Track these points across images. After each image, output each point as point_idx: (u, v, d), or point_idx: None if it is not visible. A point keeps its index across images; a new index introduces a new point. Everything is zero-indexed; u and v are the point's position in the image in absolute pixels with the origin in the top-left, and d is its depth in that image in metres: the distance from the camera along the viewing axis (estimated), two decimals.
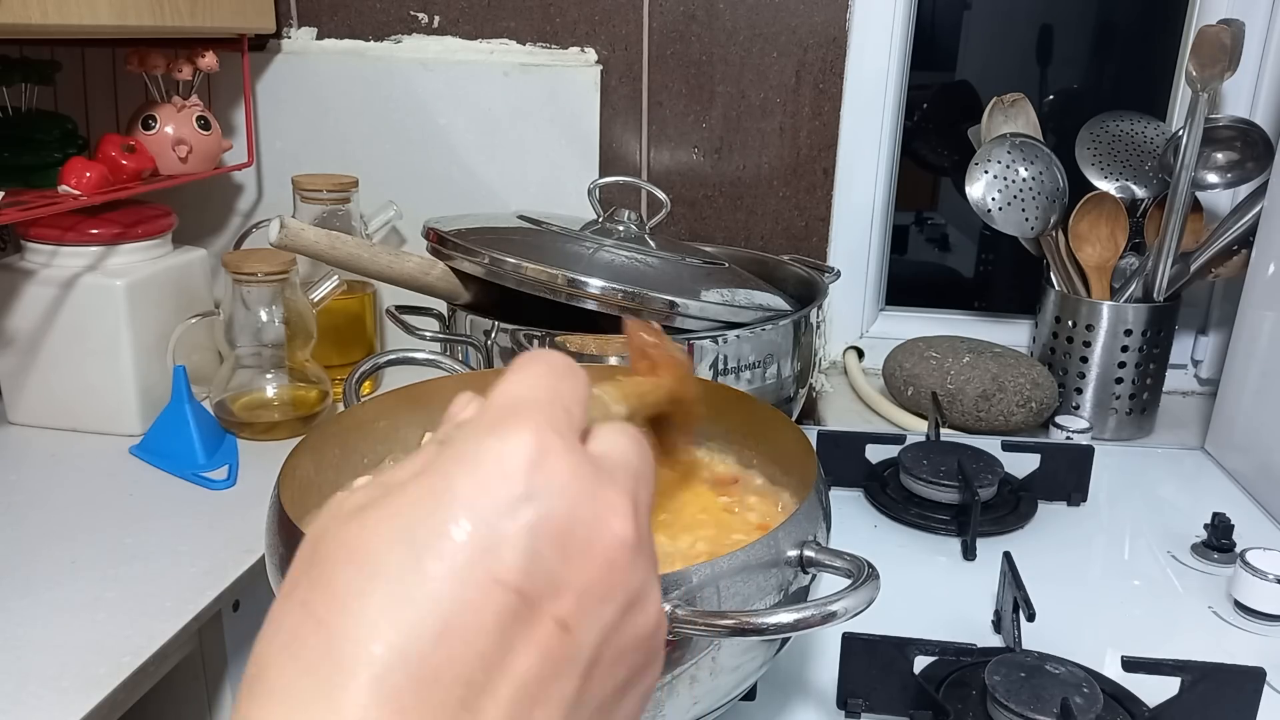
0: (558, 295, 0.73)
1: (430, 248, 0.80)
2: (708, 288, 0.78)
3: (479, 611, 0.23)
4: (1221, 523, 0.74)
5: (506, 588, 0.24)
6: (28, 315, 0.86)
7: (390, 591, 0.23)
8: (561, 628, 0.24)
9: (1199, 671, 0.53)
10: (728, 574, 0.44)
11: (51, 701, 0.55)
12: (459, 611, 0.23)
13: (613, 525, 0.26)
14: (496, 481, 0.25)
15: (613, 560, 0.26)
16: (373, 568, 0.23)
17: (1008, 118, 1.01)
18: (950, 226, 1.47)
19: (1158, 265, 0.92)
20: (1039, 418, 0.95)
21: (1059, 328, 0.98)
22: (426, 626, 0.23)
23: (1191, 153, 0.89)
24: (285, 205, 1.02)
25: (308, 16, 1.07)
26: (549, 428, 0.26)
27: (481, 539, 0.24)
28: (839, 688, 0.55)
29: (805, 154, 1.06)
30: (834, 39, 1.02)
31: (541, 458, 0.25)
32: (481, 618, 0.23)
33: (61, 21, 0.73)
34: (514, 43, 1.05)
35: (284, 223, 0.71)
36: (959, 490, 0.76)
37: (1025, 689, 0.51)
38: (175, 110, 0.94)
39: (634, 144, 1.07)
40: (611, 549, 0.26)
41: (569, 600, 0.25)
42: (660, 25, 1.03)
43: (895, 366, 1.01)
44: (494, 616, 0.23)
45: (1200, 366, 1.10)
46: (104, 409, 0.87)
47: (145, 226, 0.89)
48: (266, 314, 0.89)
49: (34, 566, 0.68)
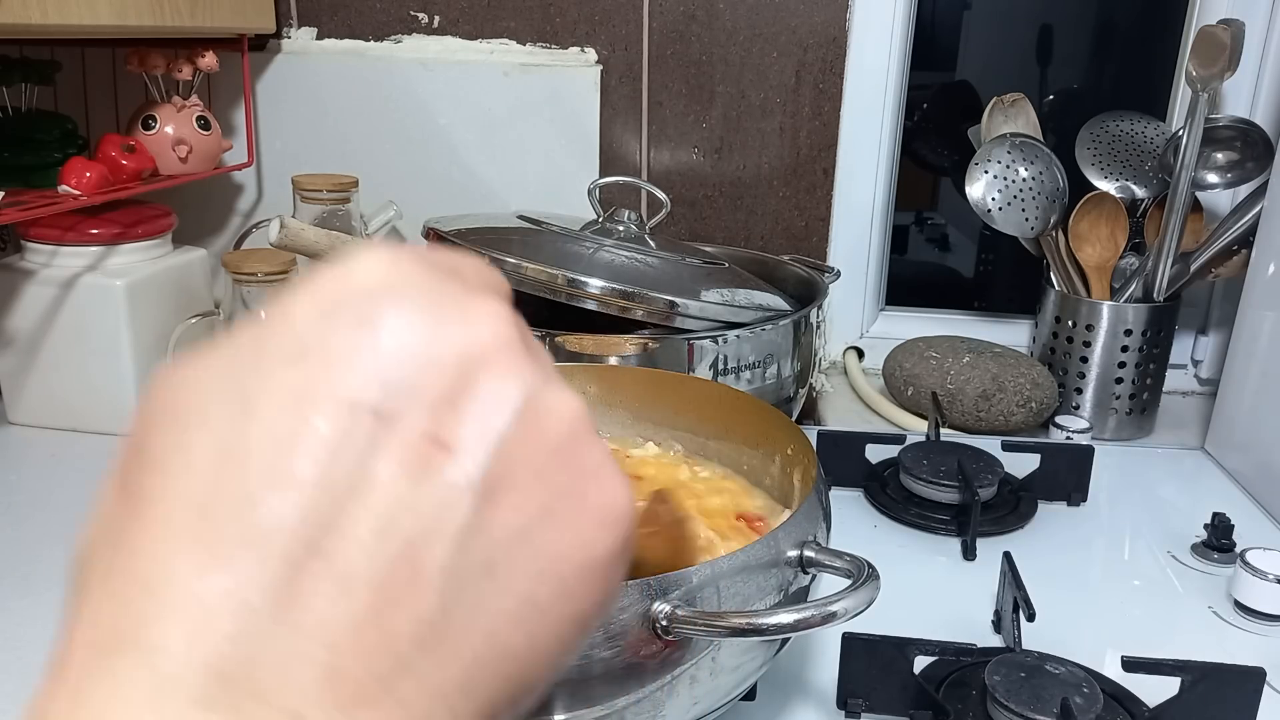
0: (558, 295, 0.73)
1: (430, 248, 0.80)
2: (708, 288, 0.78)
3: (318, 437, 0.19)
4: (1221, 523, 0.74)
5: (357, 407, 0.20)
6: (28, 315, 0.86)
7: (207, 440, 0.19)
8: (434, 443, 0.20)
9: (1199, 671, 0.53)
10: (728, 574, 0.44)
11: None
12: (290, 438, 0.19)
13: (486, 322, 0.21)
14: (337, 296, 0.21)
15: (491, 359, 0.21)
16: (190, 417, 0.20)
17: (1008, 118, 1.01)
18: (950, 226, 1.47)
19: (1158, 265, 0.92)
20: (1039, 418, 0.95)
21: (1059, 328, 0.98)
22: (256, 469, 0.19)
23: (1191, 153, 0.89)
24: (285, 205, 1.02)
25: (308, 16, 1.07)
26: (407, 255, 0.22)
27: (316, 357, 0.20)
28: (839, 688, 0.55)
29: (805, 154, 1.06)
30: (834, 39, 1.02)
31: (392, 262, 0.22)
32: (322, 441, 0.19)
33: (61, 21, 0.73)
34: (514, 43, 1.05)
35: (284, 223, 0.71)
36: (959, 490, 0.76)
37: (1025, 689, 0.51)
38: (175, 110, 0.94)
39: (634, 144, 1.07)
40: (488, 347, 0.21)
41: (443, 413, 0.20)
42: (660, 25, 1.03)
43: (895, 366, 1.01)
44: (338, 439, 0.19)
45: (1200, 366, 1.10)
46: (104, 409, 0.87)
47: (145, 226, 0.89)
48: (266, 314, 0.89)
49: (34, 566, 0.68)
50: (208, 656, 0.18)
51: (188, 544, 0.19)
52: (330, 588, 0.19)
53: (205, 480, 0.19)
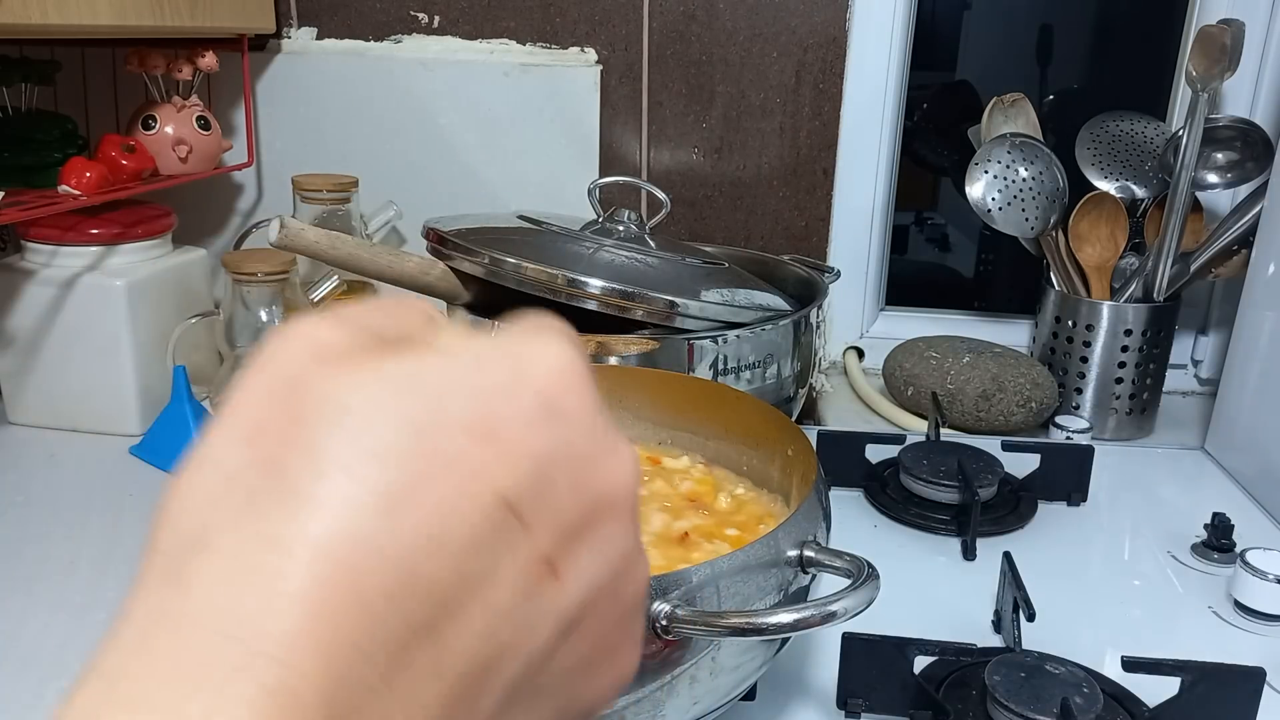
0: (558, 295, 0.73)
1: (430, 248, 0.80)
2: (708, 288, 0.78)
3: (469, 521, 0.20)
4: (1221, 523, 0.74)
5: (505, 504, 0.20)
6: (28, 315, 0.86)
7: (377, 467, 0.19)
8: (549, 569, 0.21)
9: (1199, 671, 0.53)
10: (728, 574, 0.44)
11: (52, 702, 0.54)
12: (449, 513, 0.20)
13: (626, 472, 0.23)
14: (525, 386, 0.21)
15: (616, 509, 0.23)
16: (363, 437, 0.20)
17: (1008, 118, 1.01)
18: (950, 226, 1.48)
19: (1158, 265, 0.92)
20: (1039, 418, 0.95)
21: (1059, 328, 0.98)
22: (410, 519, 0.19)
23: (1191, 153, 0.89)
24: (285, 205, 1.02)
25: (308, 16, 1.07)
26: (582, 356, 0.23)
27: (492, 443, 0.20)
28: (839, 688, 0.55)
29: (805, 154, 1.06)
30: (834, 39, 1.02)
31: (575, 380, 0.22)
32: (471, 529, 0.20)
33: (61, 21, 0.73)
34: (514, 43, 1.05)
35: (284, 223, 0.71)
36: (959, 490, 0.76)
37: (1025, 689, 0.51)
38: (175, 110, 0.94)
39: (634, 144, 1.07)
40: (619, 497, 0.23)
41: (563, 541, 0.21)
42: (660, 25, 1.03)
43: (895, 366, 1.01)
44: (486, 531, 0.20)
45: (1200, 366, 1.10)
46: (104, 409, 0.87)
47: (145, 226, 0.89)
48: (266, 314, 0.89)
49: (34, 566, 0.68)
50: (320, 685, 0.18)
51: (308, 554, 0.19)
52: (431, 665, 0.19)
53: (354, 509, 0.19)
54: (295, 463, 0.19)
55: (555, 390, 0.22)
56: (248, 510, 0.19)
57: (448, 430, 0.20)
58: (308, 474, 0.19)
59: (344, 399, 0.20)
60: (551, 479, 0.21)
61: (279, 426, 0.20)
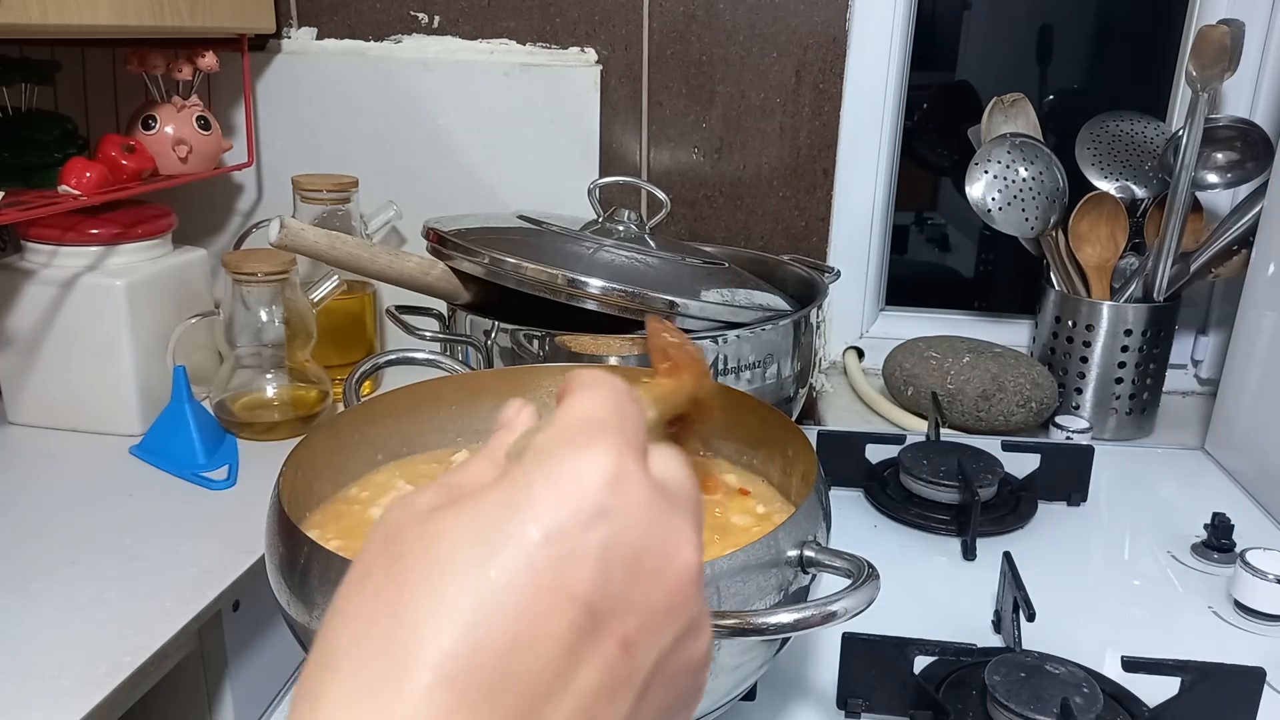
0: (558, 295, 0.73)
1: (430, 248, 0.80)
2: (708, 288, 0.78)
3: (549, 622, 0.24)
4: (1221, 523, 0.74)
5: (577, 601, 0.24)
6: (28, 315, 0.86)
7: (465, 591, 0.23)
8: (624, 648, 0.25)
9: (1199, 671, 0.53)
10: (728, 574, 0.44)
11: (51, 701, 0.55)
12: (531, 618, 0.23)
13: (684, 554, 0.27)
14: (575, 496, 0.25)
15: (679, 588, 0.26)
16: (450, 566, 0.24)
17: (1008, 118, 1.01)
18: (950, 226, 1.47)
19: (1158, 265, 0.92)
20: (1039, 418, 0.95)
21: (1059, 328, 0.98)
22: (498, 629, 0.23)
23: (1191, 153, 0.89)
24: (285, 205, 1.02)
25: (308, 16, 1.07)
26: (625, 449, 0.26)
27: (557, 551, 0.24)
28: (839, 688, 0.55)
29: (805, 154, 1.06)
30: (834, 39, 1.02)
31: (620, 478, 0.26)
32: (551, 629, 0.24)
33: (61, 21, 0.73)
34: (514, 43, 1.05)
35: (284, 223, 0.71)
36: (959, 490, 0.76)
37: (1025, 689, 0.51)
38: (175, 110, 0.94)
39: (634, 144, 1.07)
40: (679, 577, 0.26)
41: (634, 621, 0.25)
42: (660, 25, 1.03)
43: (895, 366, 1.01)
44: (564, 629, 0.24)
45: (1200, 366, 1.10)
46: (104, 409, 0.87)
47: (145, 226, 0.89)
48: (266, 314, 0.89)
49: (34, 566, 0.68)
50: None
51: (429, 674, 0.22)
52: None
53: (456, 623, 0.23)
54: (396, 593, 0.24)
55: (602, 495, 0.25)
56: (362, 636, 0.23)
57: (517, 548, 0.24)
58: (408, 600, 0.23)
59: (431, 536, 0.25)
60: (612, 571, 0.25)
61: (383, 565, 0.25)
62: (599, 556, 0.24)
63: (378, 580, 0.24)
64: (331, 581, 0.43)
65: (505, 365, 0.76)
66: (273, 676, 0.77)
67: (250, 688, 0.74)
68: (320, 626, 0.24)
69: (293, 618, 0.46)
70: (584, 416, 0.28)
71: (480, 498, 0.25)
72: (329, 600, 0.25)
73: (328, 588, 0.43)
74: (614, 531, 0.25)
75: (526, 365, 0.68)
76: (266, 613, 0.73)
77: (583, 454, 0.26)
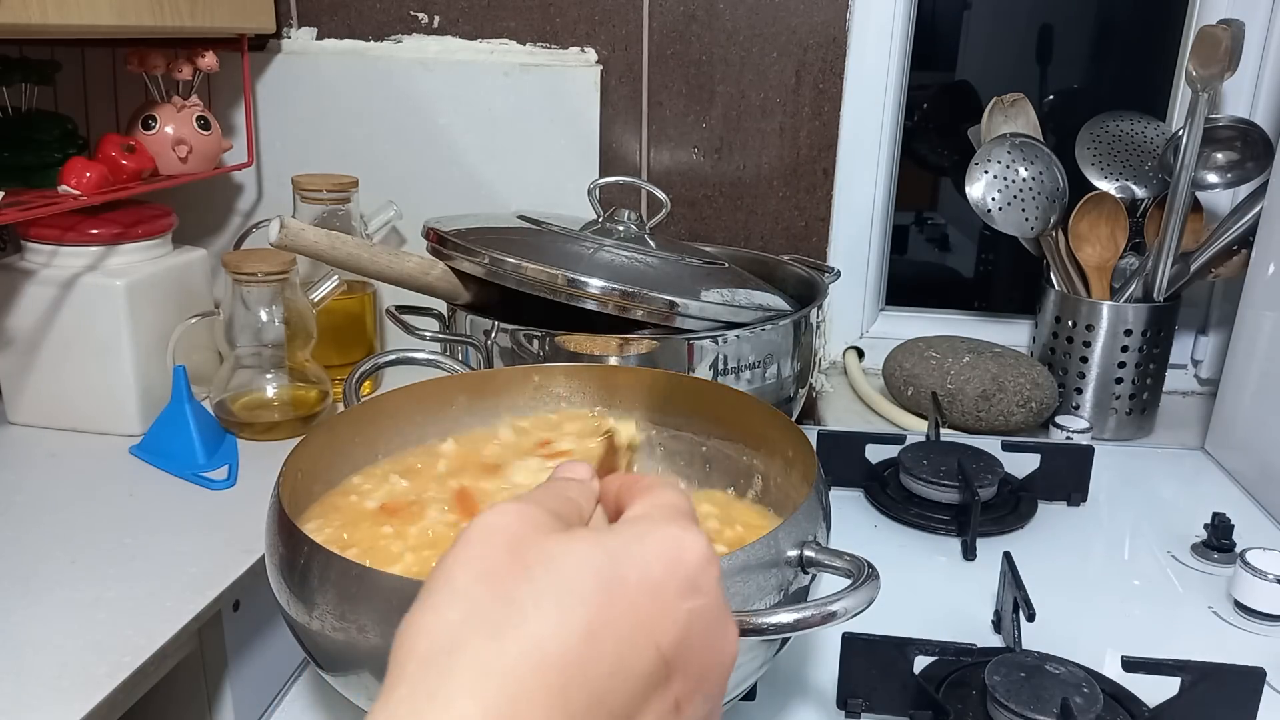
0: (558, 295, 0.73)
1: (430, 248, 0.80)
2: (708, 288, 0.78)
3: (636, 661, 0.27)
4: (1221, 523, 0.74)
5: (661, 652, 0.28)
6: (28, 315, 0.86)
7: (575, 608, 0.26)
8: (676, 706, 0.28)
9: (1199, 671, 0.53)
10: (728, 574, 0.44)
11: (51, 701, 0.55)
12: (625, 652, 0.27)
13: (732, 647, 0.31)
14: (678, 565, 0.29)
15: (725, 671, 0.31)
16: (565, 582, 0.27)
17: (1008, 118, 1.01)
18: (950, 226, 1.47)
19: (1158, 265, 0.92)
20: (1039, 418, 0.95)
21: (1059, 328, 0.98)
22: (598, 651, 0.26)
23: (1191, 153, 0.89)
24: (285, 205, 1.02)
25: (308, 16, 1.07)
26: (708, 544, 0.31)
27: (659, 604, 0.28)
28: (839, 688, 0.55)
29: (805, 154, 1.06)
30: (834, 39, 1.02)
31: (709, 562, 0.30)
32: (636, 667, 0.27)
33: (61, 21, 0.73)
34: (514, 43, 1.05)
35: (284, 223, 0.71)
36: (959, 490, 0.76)
37: (1025, 689, 0.51)
38: (175, 110, 0.94)
39: (634, 144, 1.07)
40: (728, 663, 0.31)
41: (691, 687, 0.29)
42: (660, 25, 1.03)
43: (895, 366, 1.01)
44: (645, 671, 0.27)
45: (1200, 366, 1.10)
46: (104, 409, 0.87)
47: (145, 226, 0.89)
48: (266, 314, 0.89)
49: (34, 566, 0.68)
50: None
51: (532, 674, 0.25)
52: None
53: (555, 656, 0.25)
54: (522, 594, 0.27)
55: (698, 570, 0.30)
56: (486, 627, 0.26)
57: (627, 588, 0.28)
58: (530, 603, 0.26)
59: (557, 555, 0.28)
60: (690, 639, 0.29)
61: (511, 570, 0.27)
62: (685, 622, 0.28)
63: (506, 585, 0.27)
64: (332, 581, 0.43)
65: (505, 365, 0.76)
66: (273, 676, 0.77)
67: (250, 688, 0.74)
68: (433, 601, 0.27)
69: (293, 618, 0.46)
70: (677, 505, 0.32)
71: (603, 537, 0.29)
72: (329, 600, 0.25)
73: (328, 588, 0.43)
74: (699, 607, 0.29)
75: (526, 365, 0.68)
76: (266, 613, 0.73)
77: (686, 534, 0.30)
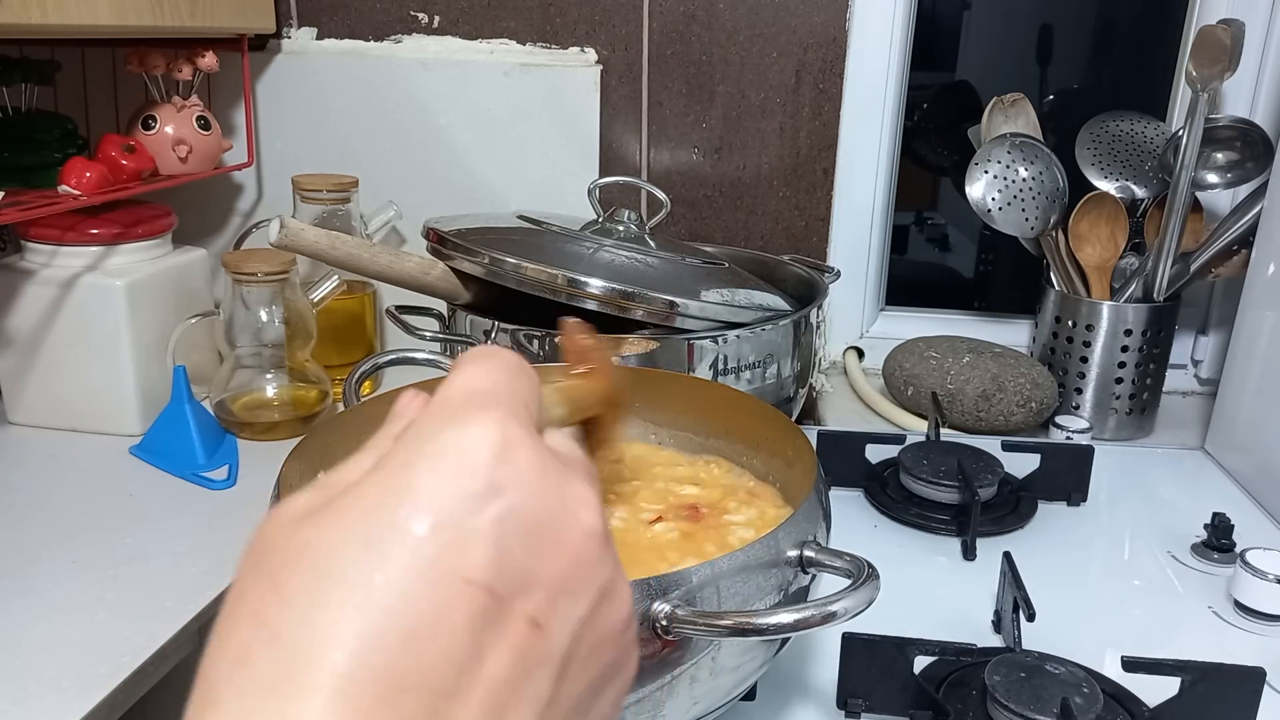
0: (558, 295, 0.73)
1: (430, 248, 0.80)
2: (708, 288, 0.78)
3: (448, 613, 0.22)
4: (1221, 523, 0.74)
5: (476, 586, 0.22)
6: (28, 315, 0.86)
7: (350, 597, 0.21)
8: (533, 625, 0.23)
9: (1199, 671, 0.53)
10: (728, 574, 0.44)
11: (51, 701, 0.55)
12: (427, 614, 0.22)
13: (582, 518, 0.25)
14: (459, 475, 0.23)
15: (583, 554, 0.25)
16: (329, 573, 0.22)
17: (1008, 118, 1.01)
18: (950, 226, 1.47)
19: (1158, 265, 0.92)
20: (1039, 418, 0.95)
21: (1059, 328, 0.98)
22: (392, 632, 0.21)
23: (1191, 153, 0.89)
24: (285, 205, 1.02)
25: (308, 16, 1.07)
26: (510, 418, 0.25)
27: (447, 536, 0.22)
28: (839, 688, 0.55)
29: (805, 154, 1.06)
30: (834, 39, 1.02)
31: (505, 449, 0.24)
32: (451, 619, 0.22)
33: (61, 21, 0.73)
34: (514, 43, 1.05)
35: (284, 223, 0.71)
36: (959, 490, 0.76)
37: (1025, 689, 0.51)
38: (175, 110, 0.94)
39: (634, 144, 1.07)
40: (581, 542, 0.25)
41: (540, 596, 0.23)
42: (660, 25, 1.03)
43: (895, 366, 1.01)
44: (464, 618, 0.22)
45: (1200, 366, 1.10)
46: (104, 409, 0.87)
47: (145, 226, 0.89)
48: (266, 314, 0.89)
49: (34, 566, 0.68)
50: None
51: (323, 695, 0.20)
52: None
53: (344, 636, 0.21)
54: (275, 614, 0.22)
55: (489, 469, 0.24)
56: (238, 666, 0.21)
57: (402, 544, 0.22)
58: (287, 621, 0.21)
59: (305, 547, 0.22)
60: (509, 548, 0.23)
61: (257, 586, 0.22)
62: (493, 535, 0.23)
63: (252, 601, 0.22)
64: None
65: None
66: None
67: None
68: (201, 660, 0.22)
69: None
70: (466, 390, 0.26)
71: (355, 495, 0.23)
72: None
73: None
74: (507, 506, 0.23)
75: None
76: None
77: (464, 429, 0.24)
